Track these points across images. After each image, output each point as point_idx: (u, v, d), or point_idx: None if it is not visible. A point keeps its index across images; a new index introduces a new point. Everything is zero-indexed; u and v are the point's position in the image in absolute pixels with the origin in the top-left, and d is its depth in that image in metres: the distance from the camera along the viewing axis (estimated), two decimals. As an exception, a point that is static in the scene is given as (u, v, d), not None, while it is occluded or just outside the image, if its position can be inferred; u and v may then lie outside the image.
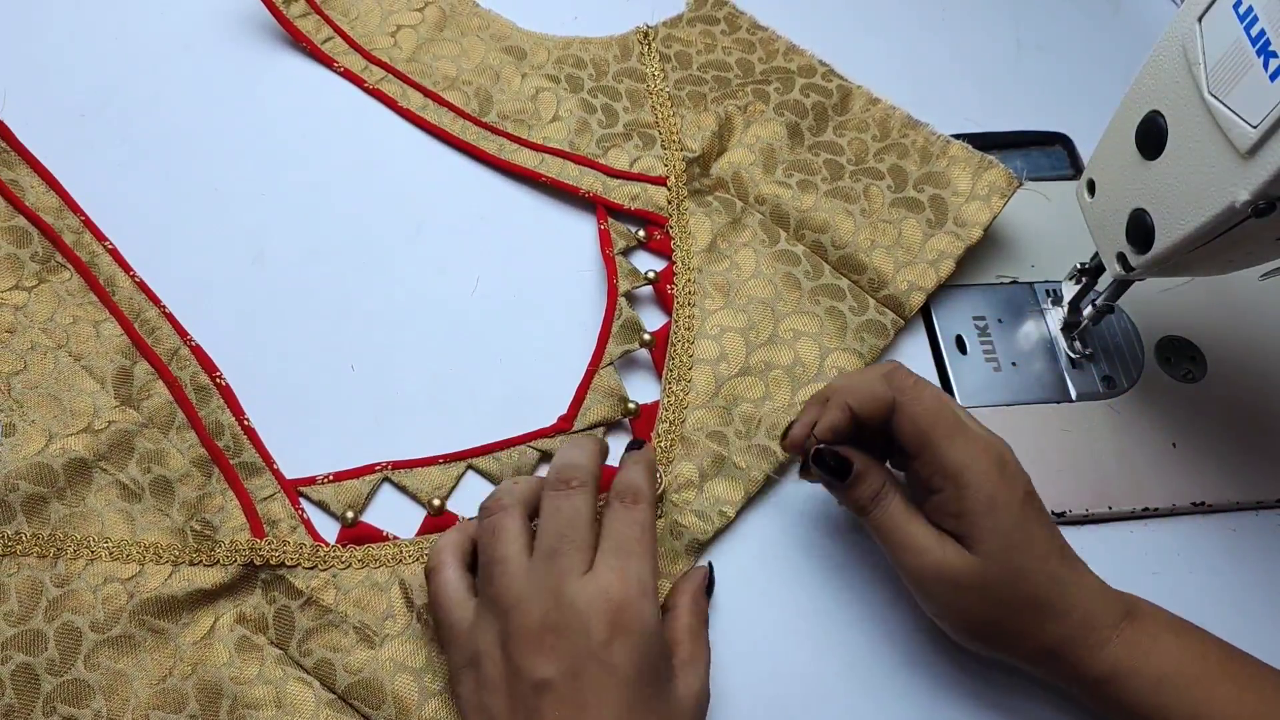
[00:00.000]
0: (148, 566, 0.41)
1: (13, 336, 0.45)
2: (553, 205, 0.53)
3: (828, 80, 0.57)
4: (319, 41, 0.56)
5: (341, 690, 0.40)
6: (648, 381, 0.49)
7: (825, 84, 0.57)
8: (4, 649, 0.38)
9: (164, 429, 0.44)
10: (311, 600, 0.41)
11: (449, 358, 0.49)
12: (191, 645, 0.40)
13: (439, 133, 0.54)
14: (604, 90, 0.56)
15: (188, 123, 0.53)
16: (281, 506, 0.43)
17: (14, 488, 0.41)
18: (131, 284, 0.47)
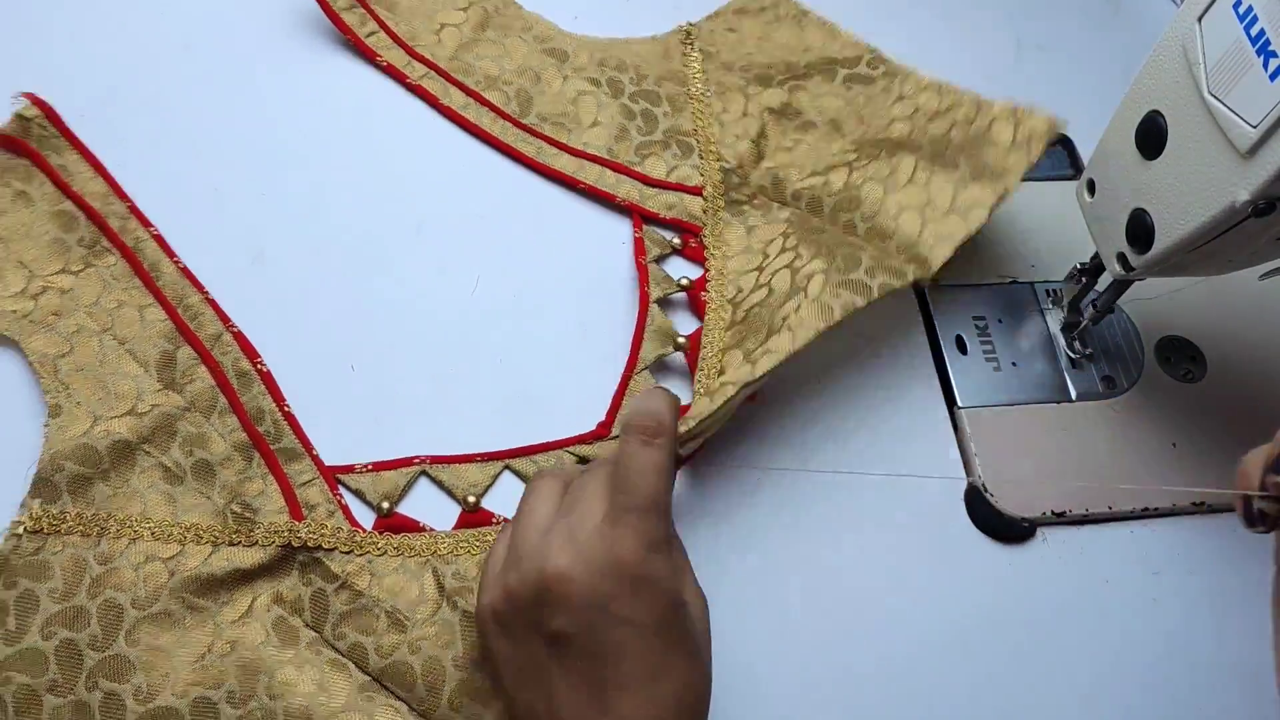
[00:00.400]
0: (188, 546, 0.42)
1: (59, 319, 0.45)
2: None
3: (873, 68, 0.56)
4: (363, 35, 0.56)
5: (374, 672, 0.41)
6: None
7: (870, 72, 0.56)
8: (48, 625, 0.39)
9: (206, 413, 0.45)
10: (346, 584, 0.42)
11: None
12: (230, 624, 0.41)
13: (479, 132, 0.54)
14: (645, 95, 0.56)
15: (198, 120, 0.53)
16: (320, 492, 0.44)
17: (60, 468, 0.42)
18: (175, 270, 0.48)
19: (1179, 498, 0.49)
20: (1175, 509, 0.49)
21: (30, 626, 0.39)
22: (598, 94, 0.56)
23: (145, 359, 0.45)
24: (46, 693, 0.38)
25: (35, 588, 0.40)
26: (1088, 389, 0.51)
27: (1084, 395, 0.51)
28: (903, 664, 0.44)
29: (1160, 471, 0.49)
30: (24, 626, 0.39)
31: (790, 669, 0.43)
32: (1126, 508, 0.48)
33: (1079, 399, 0.51)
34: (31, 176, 0.49)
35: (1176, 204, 0.39)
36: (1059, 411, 0.50)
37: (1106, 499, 0.48)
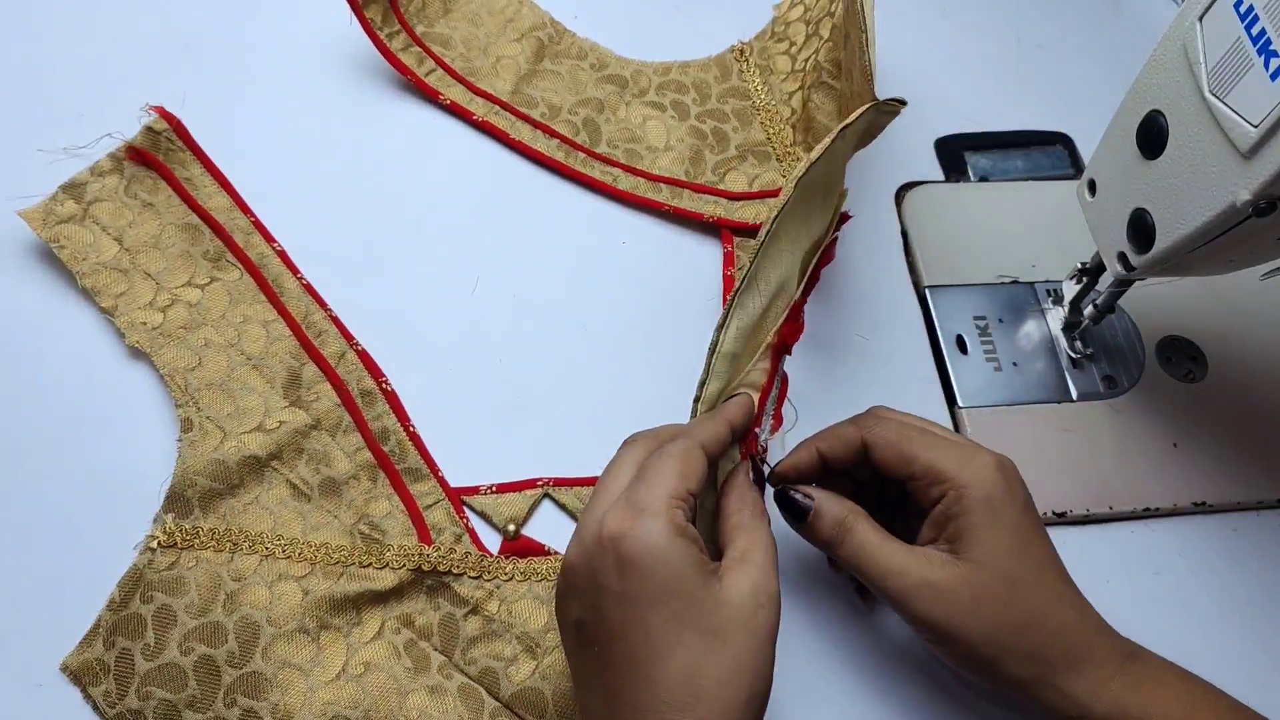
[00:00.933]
0: (319, 566, 0.42)
1: (187, 333, 0.46)
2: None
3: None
4: (423, 74, 0.55)
5: (505, 699, 0.41)
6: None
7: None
8: (186, 640, 0.39)
9: (331, 431, 0.45)
10: (476, 609, 0.42)
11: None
12: (362, 645, 0.41)
13: (551, 164, 0.54)
14: (711, 114, 0.56)
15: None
16: (446, 514, 0.44)
17: (192, 483, 0.42)
18: (299, 286, 0.48)
19: (1179, 498, 0.49)
20: (1176, 509, 0.48)
21: (169, 642, 0.39)
22: (664, 118, 0.56)
23: (271, 376, 0.45)
24: (186, 709, 0.39)
25: (172, 603, 0.40)
26: (1088, 389, 0.51)
27: (1085, 395, 0.51)
28: (904, 663, 0.44)
29: (1161, 471, 0.49)
30: (163, 642, 0.39)
31: (791, 668, 0.43)
32: (1127, 508, 0.48)
33: (1080, 399, 0.51)
34: (158, 189, 0.49)
35: (1177, 204, 0.39)
36: (1060, 411, 0.50)
37: (1107, 499, 0.48)
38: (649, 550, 0.33)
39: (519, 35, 0.57)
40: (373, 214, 0.52)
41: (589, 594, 0.34)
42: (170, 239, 0.48)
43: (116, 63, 0.54)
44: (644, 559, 0.33)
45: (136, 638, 0.39)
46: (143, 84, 0.52)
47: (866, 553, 0.39)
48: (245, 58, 0.55)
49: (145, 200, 0.49)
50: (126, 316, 0.46)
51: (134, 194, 0.49)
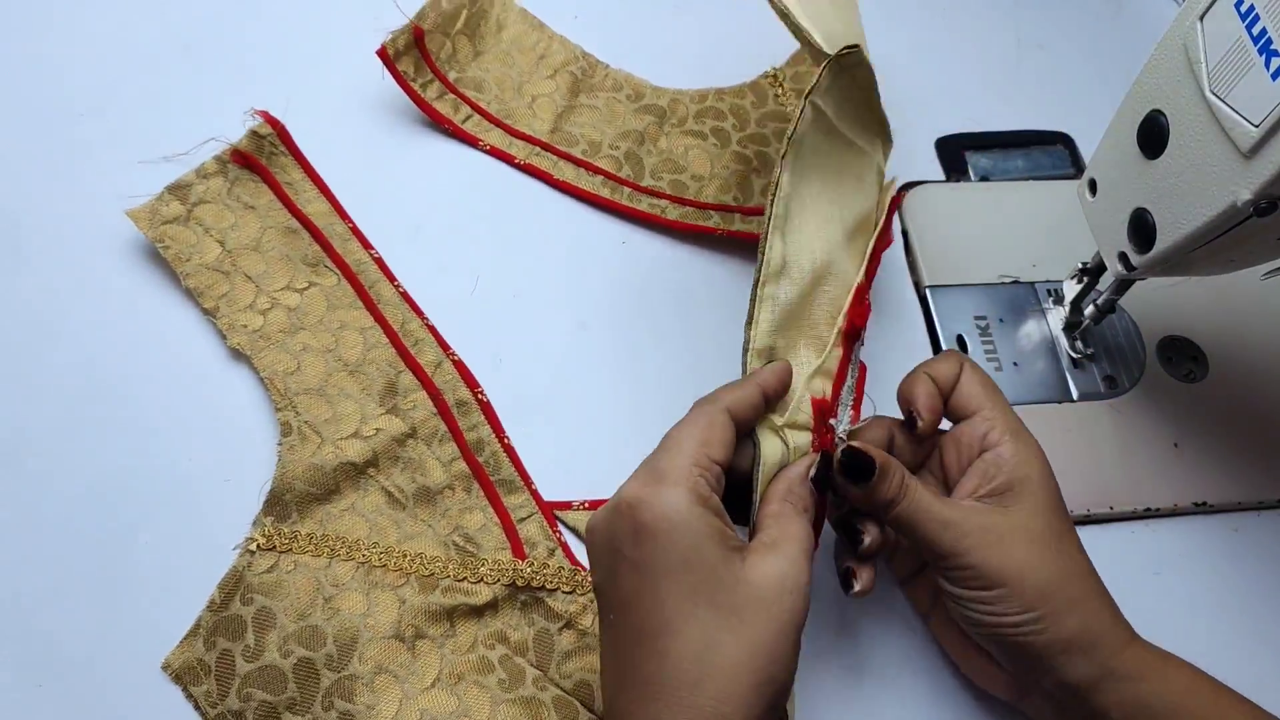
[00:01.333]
0: (414, 576, 0.42)
1: (287, 337, 0.46)
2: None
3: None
4: (459, 121, 0.55)
5: (600, 712, 0.40)
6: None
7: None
8: (286, 643, 0.40)
9: (427, 441, 0.45)
10: (570, 624, 0.42)
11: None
12: (456, 656, 0.41)
13: (597, 200, 0.53)
14: (753, 139, 0.56)
15: None
16: (539, 529, 0.44)
17: (290, 487, 0.43)
18: (395, 294, 0.48)
19: (1180, 498, 0.49)
20: (1176, 509, 0.48)
21: (269, 644, 0.40)
22: (706, 146, 0.56)
23: (368, 383, 0.46)
24: (285, 710, 0.39)
25: (271, 605, 0.40)
26: (1089, 389, 0.51)
27: (1086, 395, 0.51)
28: (905, 663, 0.44)
29: (1162, 471, 0.49)
30: (263, 643, 0.40)
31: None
32: (1127, 508, 0.48)
33: (1081, 399, 0.51)
34: (260, 192, 0.50)
35: (1178, 203, 0.39)
36: (1060, 411, 0.50)
37: (1107, 499, 0.48)
38: (666, 518, 0.32)
39: (552, 72, 0.57)
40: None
41: (606, 560, 0.33)
42: (270, 242, 0.48)
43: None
44: (660, 527, 0.32)
45: (237, 639, 0.40)
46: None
47: (924, 507, 0.38)
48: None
49: (247, 203, 0.49)
50: (228, 318, 0.46)
51: (236, 196, 0.49)
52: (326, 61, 0.56)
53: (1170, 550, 0.48)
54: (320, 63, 0.56)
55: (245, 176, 0.50)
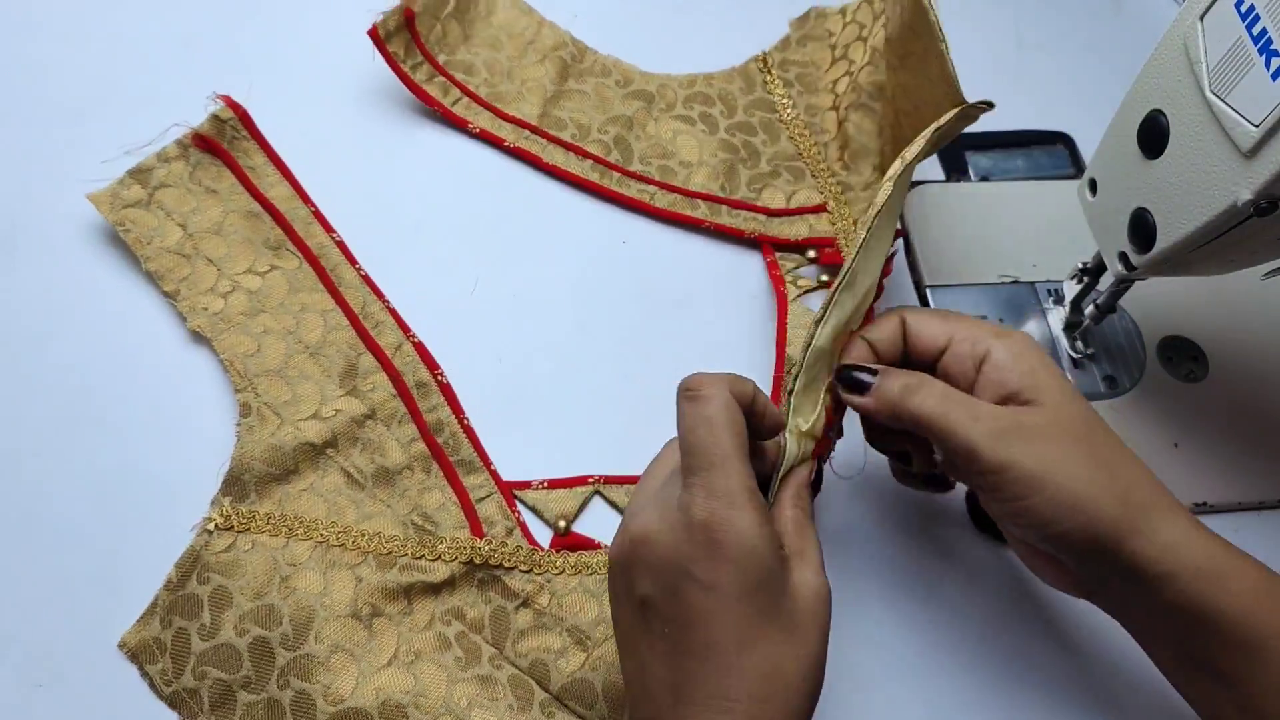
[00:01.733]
0: (371, 555, 0.42)
1: (247, 319, 0.46)
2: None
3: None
4: (449, 104, 0.55)
5: (555, 691, 0.41)
6: None
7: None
8: (241, 621, 0.40)
9: (387, 422, 0.45)
10: (527, 603, 0.42)
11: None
12: (413, 634, 0.41)
13: (586, 185, 0.54)
14: (740, 127, 0.56)
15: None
16: (498, 508, 0.44)
17: (249, 467, 0.43)
18: (357, 276, 0.49)
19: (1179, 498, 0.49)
20: (1177, 509, 0.48)
21: (224, 623, 0.40)
22: (694, 132, 0.56)
23: (328, 364, 0.46)
24: (240, 689, 0.39)
25: (228, 584, 0.41)
26: (1090, 389, 0.51)
27: (1086, 395, 0.50)
28: (904, 663, 0.44)
29: (1162, 471, 0.49)
30: (218, 622, 0.40)
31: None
32: (1128, 508, 0.48)
33: (1080, 399, 0.51)
34: (221, 176, 0.50)
35: (1178, 203, 0.39)
36: (1060, 411, 0.50)
37: (1108, 499, 0.48)
38: (741, 543, 0.32)
39: (541, 57, 0.57)
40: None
41: (668, 575, 0.33)
42: (232, 226, 0.49)
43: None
44: (736, 550, 0.32)
45: (193, 617, 0.40)
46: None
47: (946, 401, 0.37)
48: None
49: (209, 187, 0.49)
50: (189, 301, 0.46)
51: (198, 181, 0.49)
52: (312, 45, 0.56)
53: (1170, 550, 0.48)
54: (306, 46, 0.56)
55: (207, 161, 0.50)
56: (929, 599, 0.45)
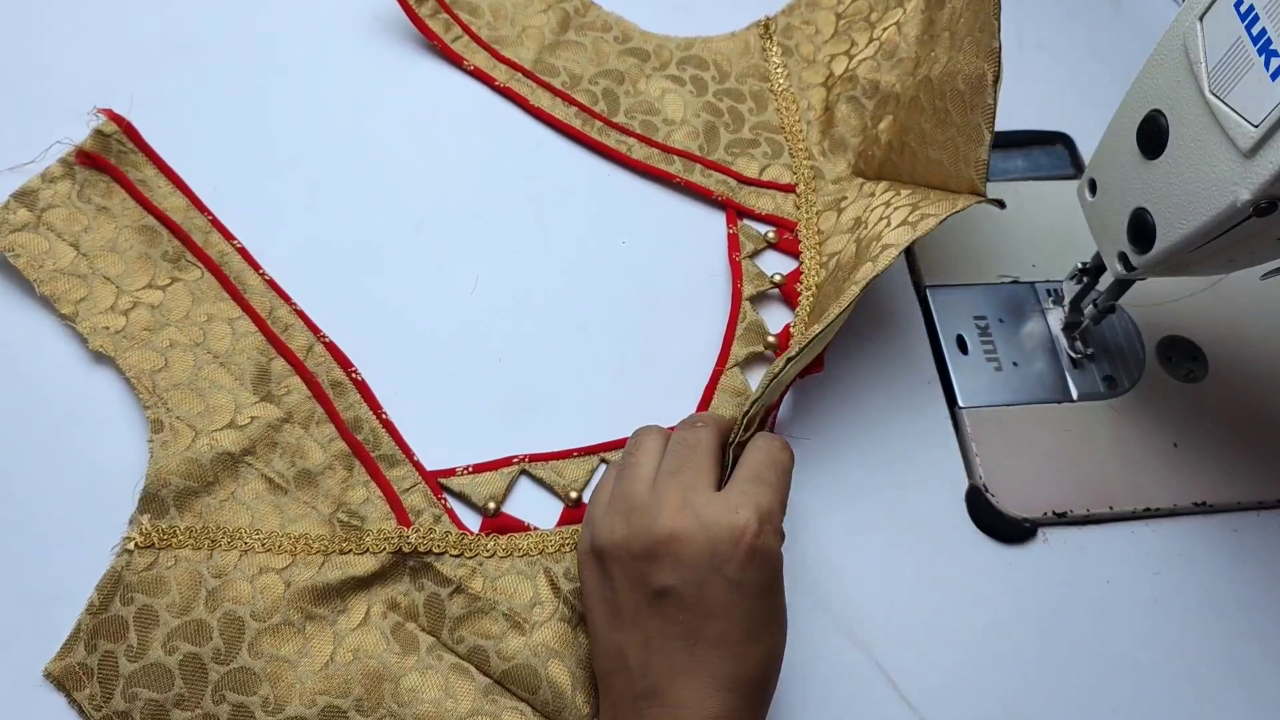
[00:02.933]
0: (300, 556, 0.42)
1: (151, 335, 0.46)
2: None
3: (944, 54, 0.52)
4: (448, 40, 0.56)
5: (497, 676, 0.41)
6: None
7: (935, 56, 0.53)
8: (169, 639, 0.39)
9: (304, 424, 0.45)
10: (460, 588, 0.42)
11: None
12: (349, 632, 0.41)
13: (568, 130, 0.55)
14: (729, 93, 0.57)
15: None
16: (424, 497, 0.44)
17: (165, 483, 0.42)
18: (262, 282, 0.48)
19: (1179, 498, 0.49)
20: (1175, 509, 0.48)
21: (152, 642, 0.39)
22: (682, 92, 0.56)
23: (240, 372, 0.45)
24: (174, 708, 0.39)
25: (153, 603, 0.40)
26: (1089, 389, 0.51)
27: (1085, 395, 0.51)
28: (903, 663, 0.44)
29: (1161, 471, 0.49)
30: (146, 642, 0.39)
31: (790, 666, 0.43)
32: (1127, 508, 0.48)
33: (1080, 399, 0.51)
34: (112, 192, 0.49)
35: (1178, 203, 0.39)
36: (1060, 411, 0.50)
37: (1107, 499, 0.48)
38: (770, 554, 0.38)
39: (546, 6, 0.58)
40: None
41: (698, 571, 0.37)
42: (127, 242, 0.47)
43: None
44: (765, 559, 0.37)
45: (119, 639, 0.39)
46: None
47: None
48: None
49: (99, 204, 0.48)
50: (88, 322, 0.45)
51: (87, 198, 0.48)
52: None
53: (1170, 550, 0.48)
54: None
55: (95, 178, 0.49)
56: (929, 599, 0.45)
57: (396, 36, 0.56)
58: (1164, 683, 0.45)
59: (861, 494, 0.47)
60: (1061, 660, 0.45)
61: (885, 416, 0.49)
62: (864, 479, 0.48)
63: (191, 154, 0.51)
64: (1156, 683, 0.45)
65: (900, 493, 0.47)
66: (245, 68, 0.54)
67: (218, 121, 0.53)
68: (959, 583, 0.46)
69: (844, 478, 0.48)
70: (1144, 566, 0.48)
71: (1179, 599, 0.47)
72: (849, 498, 0.47)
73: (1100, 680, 0.45)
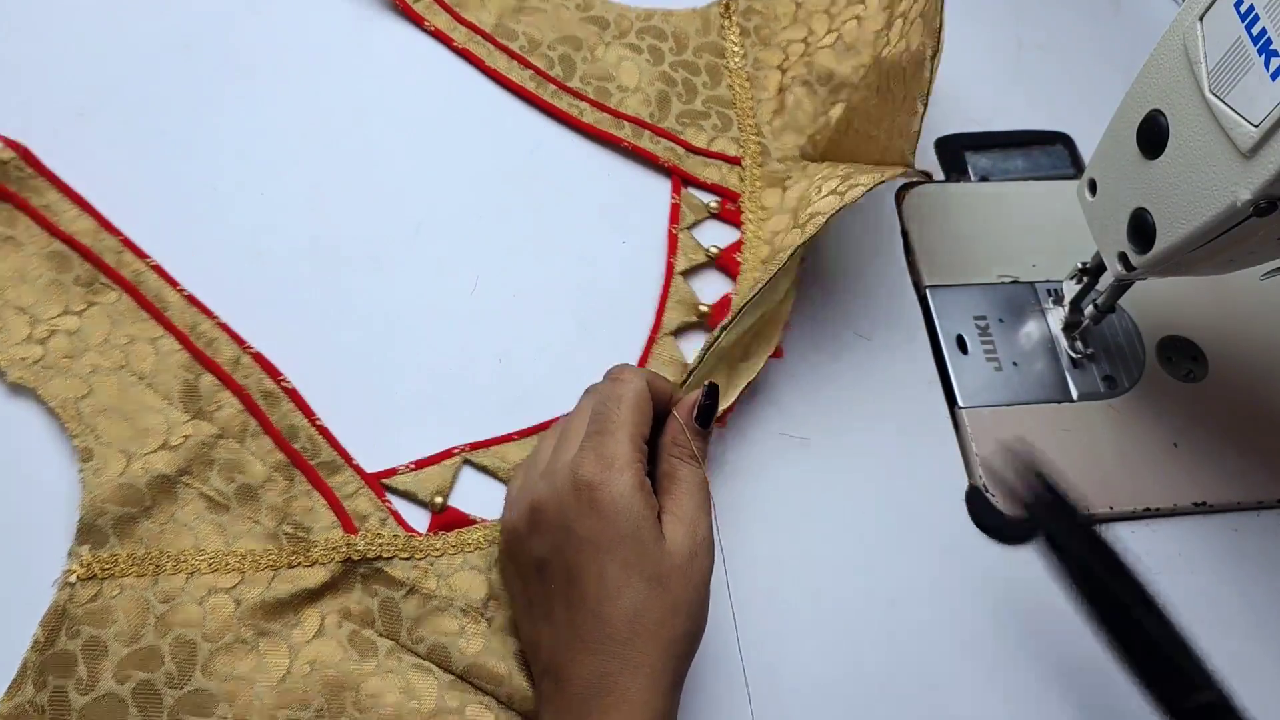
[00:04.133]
0: (248, 574, 0.41)
1: (72, 362, 0.44)
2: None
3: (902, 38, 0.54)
4: (411, 1, 0.57)
5: (459, 671, 0.41)
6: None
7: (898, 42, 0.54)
8: (121, 669, 0.39)
9: (239, 438, 0.44)
10: (414, 590, 0.42)
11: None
12: (304, 644, 0.40)
13: (522, 93, 0.56)
14: (685, 65, 0.58)
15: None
16: (368, 501, 0.44)
17: (102, 511, 0.41)
18: (180, 299, 0.47)
19: (1179, 498, 0.49)
20: (1175, 509, 0.48)
21: (103, 673, 0.38)
22: (638, 60, 0.57)
23: (168, 392, 0.45)
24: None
25: (100, 634, 0.39)
26: (1089, 389, 0.51)
27: (1085, 395, 0.51)
28: (903, 663, 0.44)
29: (1162, 471, 0.49)
30: (96, 674, 0.38)
31: (790, 667, 0.43)
32: (1127, 508, 0.48)
33: (1080, 399, 0.51)
34: (15, 220, 0.47)
35: (1178, 203, 0.39)
36: (1060, 411, 0.50)
37: (1107, 499, 0.48)
38: (614, 501, 0.36)
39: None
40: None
41: (556, 534, 0.37)
42: (37, 270, 0.46)
43: None
44: (610, 508, 0.36)
45: (68, 674, 0.38)
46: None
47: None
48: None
49: (4, 234, 0.47)
50: (4, 354, 0.44)
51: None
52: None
53: (1170, 550, 0.48)
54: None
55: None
56: (929, 599, 0.45)
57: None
58: (1164, 683, 0.45)
59: (861, 494, 0.47)
60: (1061, 660, 0.45)
61: (885, 416, 0.49)
62: (864, 479, 0.48)
63: (190, 154, 0.52)
64: (1156, 683, 0.45)
65: (900, 493, 0.47)
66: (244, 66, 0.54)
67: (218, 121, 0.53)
68: (958, 583, 0.46)
69: (844, 478, 0.48)
70: (1144, 567, 0.47)
71: (1179, 599, 0.47)
72: (849, 498, 0.47)
73: (1100, 680, 0.45)
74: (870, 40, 0.56)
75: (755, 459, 0.47)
